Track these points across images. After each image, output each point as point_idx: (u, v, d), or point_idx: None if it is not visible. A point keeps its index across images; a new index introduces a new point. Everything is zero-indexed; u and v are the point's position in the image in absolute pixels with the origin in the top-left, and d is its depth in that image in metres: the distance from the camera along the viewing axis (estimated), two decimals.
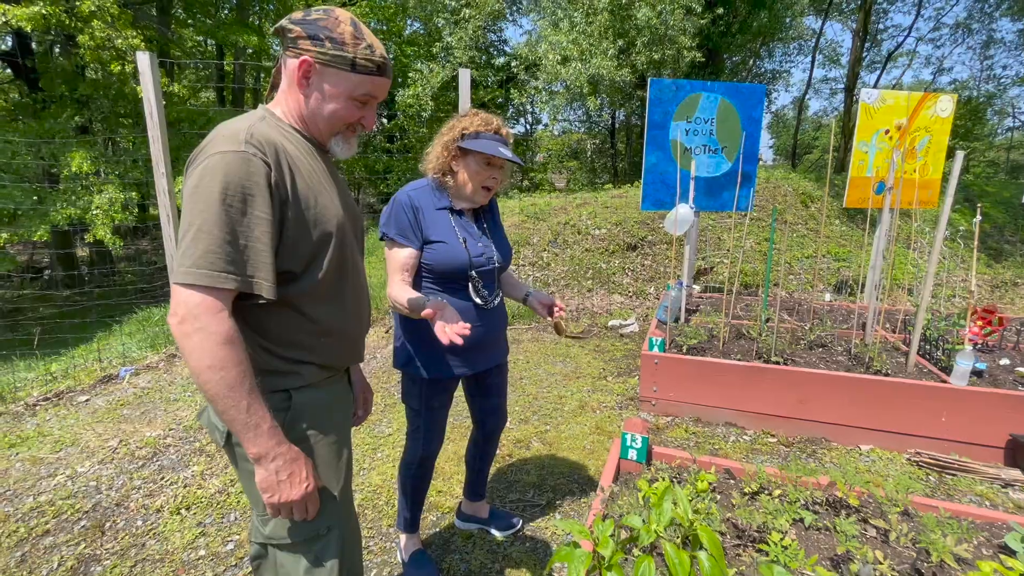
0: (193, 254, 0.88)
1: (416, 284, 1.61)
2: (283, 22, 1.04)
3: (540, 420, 3.08)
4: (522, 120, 18.67)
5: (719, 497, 1.63)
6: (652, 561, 0.87)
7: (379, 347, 4.37)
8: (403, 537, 1.94)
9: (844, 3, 17.76)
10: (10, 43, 9.98)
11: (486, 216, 1.73)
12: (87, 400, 3.41)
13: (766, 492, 1.64)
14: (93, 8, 7.66)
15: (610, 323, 4.95)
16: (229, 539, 2.08)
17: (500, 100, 15.85)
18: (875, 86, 19.25)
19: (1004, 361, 3.11)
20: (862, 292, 4.82)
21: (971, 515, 1.58)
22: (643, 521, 0.95)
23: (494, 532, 2.09)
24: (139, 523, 2.18)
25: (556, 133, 15.07)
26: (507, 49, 15.81)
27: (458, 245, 1.58)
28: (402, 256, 1.56)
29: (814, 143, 29.54)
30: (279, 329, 1.04)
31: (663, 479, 1.68)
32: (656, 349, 3.09)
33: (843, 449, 2.74)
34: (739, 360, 2.99)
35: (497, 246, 1.69)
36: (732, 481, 1.75)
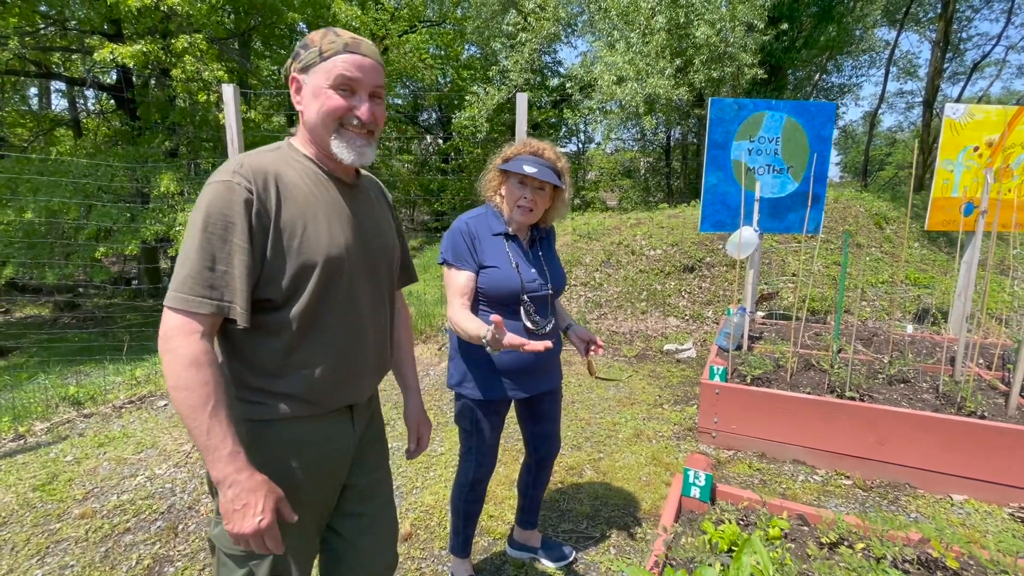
0: (176, 278, 0.93)
1: (473, 308, 1.65)
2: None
3: (593, 447, 3.01)
4: (574, 139, 18.75)
5: (792, 546, 1.51)
6: None
7: (432, 364, 4.44)
8: (454, 560, 1.93)
9: (921, 13, 16.71)
10: (114, 77, 11.15)
11: (541, 243, 1.75)
12: (165, 404, 3.65)
13: (846, 544, 1.50)
14: (185, 45, 8.47)
15: (665, 347, 4.80)
16: None
17: (553, 120, 16.00)
18: (959, 99, 17.90)
19: None
20: (946, 322, 4.41)
21: None
22: None
23: (546, 562, 2.04)
24: (208, 527, 2.29)
25: (609, 152, 15.01)
26: (561, 70, 16.00)
27: (511, 270, 1.61)
28: (461, 281, 1.60)
29: (887, 160, 27.73)
30: (255, 356, 1.04)
31: (729, 521, 1.58)
32: (717, 378, 2.95)
33: (931, 498, 2.49)
34: (809, 393, 2.80)
35: (551, 272, 1.71)
36: (806, 528, 1.63)
